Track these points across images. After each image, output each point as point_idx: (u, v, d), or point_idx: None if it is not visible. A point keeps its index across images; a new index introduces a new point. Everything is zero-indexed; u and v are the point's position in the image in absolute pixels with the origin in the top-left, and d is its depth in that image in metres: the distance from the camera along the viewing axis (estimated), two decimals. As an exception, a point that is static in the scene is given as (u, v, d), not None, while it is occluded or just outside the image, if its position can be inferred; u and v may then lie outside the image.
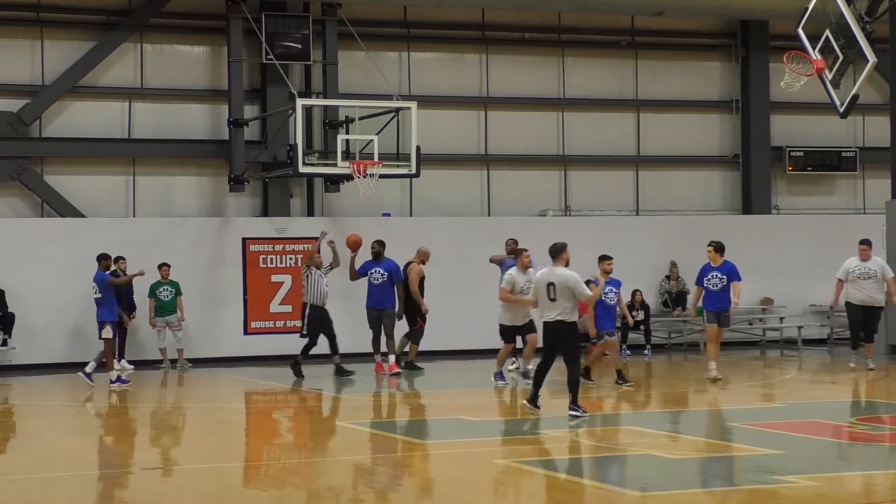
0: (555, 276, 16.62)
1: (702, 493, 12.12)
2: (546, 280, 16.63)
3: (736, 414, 17.78)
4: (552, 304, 16.55)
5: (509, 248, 22.84)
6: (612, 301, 21.76)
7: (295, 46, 27.12)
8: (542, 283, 16.70)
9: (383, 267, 23.14)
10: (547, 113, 29.83)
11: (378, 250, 23.34)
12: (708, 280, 21.16)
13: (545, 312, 16.64)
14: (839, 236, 29.69)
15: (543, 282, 16.66)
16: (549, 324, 16.64)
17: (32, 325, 25.11)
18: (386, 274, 23.08)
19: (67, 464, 14.41)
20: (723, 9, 29.54)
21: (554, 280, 16.57)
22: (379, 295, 23.16)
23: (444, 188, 28.75)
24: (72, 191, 26.71)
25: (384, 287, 23.08)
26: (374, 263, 23.25)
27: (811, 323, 29.14)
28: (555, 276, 16.61)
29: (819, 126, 30.61)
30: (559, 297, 16.51)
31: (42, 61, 26.85)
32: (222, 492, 12.74)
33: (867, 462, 13.74)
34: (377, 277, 23.12)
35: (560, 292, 16.51)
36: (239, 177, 26.77)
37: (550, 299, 16.54)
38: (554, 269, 16.71)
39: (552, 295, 16.52)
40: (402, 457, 14.75)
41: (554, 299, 16.52)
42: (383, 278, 23.07)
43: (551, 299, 16.53)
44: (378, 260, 23.26)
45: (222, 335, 26.55)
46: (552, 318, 16.57)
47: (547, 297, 16.57)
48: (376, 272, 23.14)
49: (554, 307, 16.54)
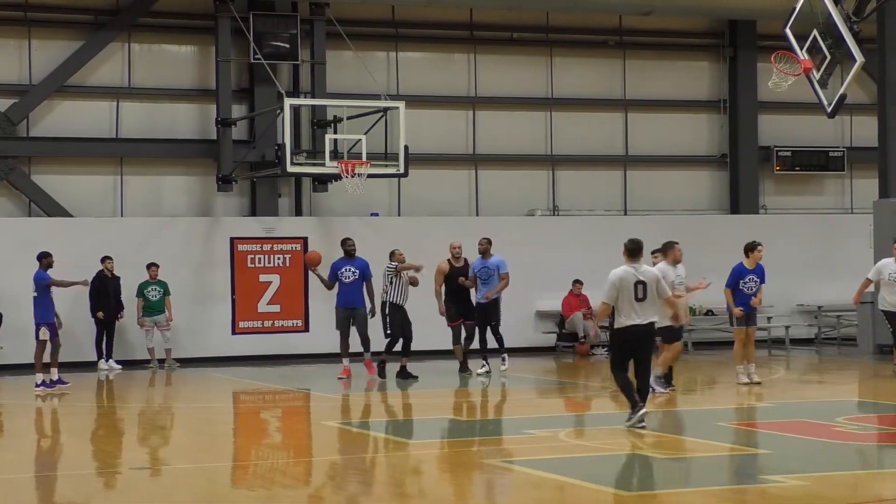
0: (642, 274, 15.49)
1: (690, 493, 12.12)
2: (633, 279, 15.42)
3: (724, 413, 17.79)
4: (640, 305, 15.38)
5: (482, 247, 22.81)
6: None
7: (283, 46, 27.11)
8: (627, 282, 15.39)
9: (355, 265, 22.49)
10: (535, 113, 29.84)
11: (351, 248, 22.63)
12: (745, 283, 20.67)
13: (631, 314, 15.33)
14: (827, 236, 29.83)
15: (629, 281, 15.39)
16: (637, 327, 15.39)
17: (20, 324, 25.04)
18: (357, 272, 22.40)
19: (56, 463, 14.38)
20: (711, 9, 29.58)
21: (643, 279, 15.45)
22: (349, 294, 22.36)
23: (433, 188, 28.76)
24: (60, 190, 26.67)
25: (355, 286, 22.37)
26: (346, 262, 22.53)
27: (799, 323, 29.17)
28: (642, 275, 15.49)
29: (807, 126, 30.64)
30: (648, 296, 15.41)
31: (30, 61, 26.81)
32: (211, 491, 12.73)
33: (855, 461, 13.76)
34: (348, 276, 22.34)
35: (650, 292, 15.41)
36: (227, 176, 26.75)
37: (638, 299, 15.39)
38: (639, 266, 15.54)
39: (640, 295, 15.38)
40: (390, 456, 14.74)
41: (642, 299, 15.39)
42: (354, 276, 22.35)
43: (639, 299, 15.39)
44: (350, 258, 22.57)
45: (210, 335, 26.53)
46: (643, 321, 15.40)
47: (634, 297, 15.38)
48: (347, 270, 22.38)
49: (643, 308, 15.40)
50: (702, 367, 24.60)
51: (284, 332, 26.70)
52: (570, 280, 27.51)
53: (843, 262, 28.93)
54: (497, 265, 22.70)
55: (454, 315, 22.80)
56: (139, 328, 25.63)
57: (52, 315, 21.87)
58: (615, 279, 15.45)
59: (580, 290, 27.45)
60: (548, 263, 27.65)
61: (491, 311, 22.76)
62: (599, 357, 26.78)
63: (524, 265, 26.24)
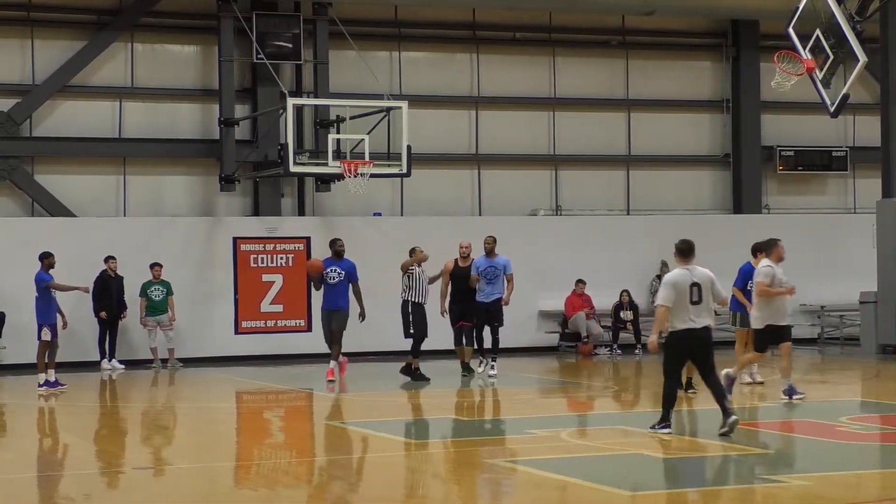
0: (697, 276, 14.87)
1: (693, 493, 12.11)
2: (688, 281, 14.79)
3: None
4: (696, 309, 14.78)
5: (488, 246, 22.50)
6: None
7: (286, 46, 27.12)
8: (682, 284, 14.77)
9: (342, 266, 21.85)
10: (538, 112, 29.84)
11: (340, 248, 22.06)
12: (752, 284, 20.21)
13: (686, 319, 14.72)
14: (830, 236, 29.81)
15: (685, 283, 14.78)
16: (693, 332, 14.79)
17: (22, 324, 25.04)
18: (343, 273, 21.84)
19: (58, 463, 14.39)
20: (713, 8, 29.58)
21: (698, 280, 14.84)
22: (334, 295, 21.79)
23: (435, 188, 28.76)
24: (62, 190, 26.68)
25: (340, 287, 21.81)
26: (333, 262, 21.95)
27: (802, 322, 29.13)
28: (697, 277, 14.87)
29: (809, 125, 30.64)
30: (704, 299, 14.82)
31: (32, 61, 26.82)
32: (213, 491, 12.72)
33: (858, 461, 13.75)
34: (333, 277, 21.76)
35: (705, 294, 14.83)
36: (230, 176, 26.76)
37: (693, 302, 14.76)
38: (694, 268, 14.95)
39: (695, 298, 14.76)
40: (392, 456, 14.73)
41: (697, 302, 14.78)
42: (340, 277, 21.72)
43: (694, 302, 14.77)
44: (338, 259, 21.99)
45: (213, 335, 26.54)
46: (698, 325, 14.79)
47: (689, 300, 14.76)
48: (333, 271, 21.80)
49: (699, 311, 14.79)
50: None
51: (287, 332, 26.70)
52: (573, 280, 27.51)
53: (845, 262, 28.95)
54: (504, 265, 22.37)
55: (458, 316, 22.49)
56: (142, 328, 25.64)
57: (53, 316, 21.82)
58: (669, 281, 14.87)
59: (583, 290, 27.44)
60: (550, 263, 27.64)
61: (496, 313, 22.40)
62: (602, 357, 26.80)
63: (527, 265, 26.24)
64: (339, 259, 21.98)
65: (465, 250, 22.54)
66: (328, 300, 21.91)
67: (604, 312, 27.67)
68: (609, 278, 27.80)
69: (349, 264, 21.97)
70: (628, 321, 27.36)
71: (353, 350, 25.58)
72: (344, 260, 22.00)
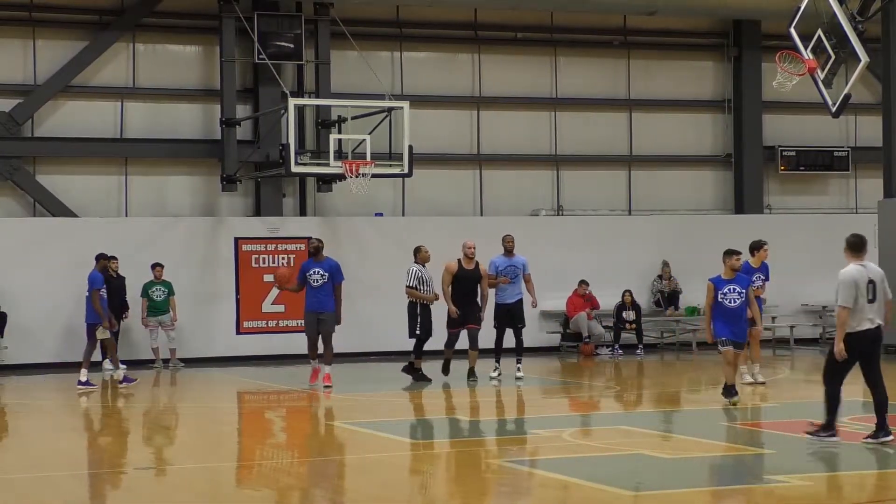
0: (871, 272, 14.30)
1: (695, 493, 12.11)
2: (865, 278, 14.21)
3: (728, 413, 17.77)
4: (871, 307, 14.17)
5: (509, 244, 22.17)
6: (732, 303, 18.27)
7: (287, 46, 27.12)
8: (862, 282, 14.19)
9: (323, 267, 20.94)
10: (539, 112, 29.84)
11: (315, 246, 21.20)
12: (751, 282, 19.74)
13: (863, 319, 14.12)
14: (831, 236, 29.64)
15: (862, 281, 14.18)
16: (870, 332, 14.17)
17: (25, 324, 25.08)
18: (326, 275, 20.86)
19: (60, 463, 14.39)
20: (715, 8, 29.57)
21: (873, 278, 14.24)
22: (318, 297, 20.91)
23: (437, 188, 28.76)
24: (64, 190, 26.69)
25: (324, 289, 21.01)
26: (314, 263, 21.09)
27: (803, 322, 29.18)
28: (872, 274, 14.29)
29: (811, 126, 30.64)
30: (878, 297, 14.21)
31: (34, 61, 26.83)
32: (215, 491, 12.73)
33: (860, 462, 13.74)
34: (316, 279, 20.88)
35: (879, 292, 14.24)
36: (231, 176, 26.77)
37: (869, 301, 14.13)
38: (867, 264, 14.40)
39: (871, 296, 14.15)
40: (394, 456, 14.74)
41: (872, 300, 14.16)
42: (323, 279, 20.85)
43: (870, 301, 14.14)
44: (318, 260, 21.13)
45: (215, 335, 26.55)
46: (873, 325, 14.17)
47: (866, 298, 14.14)
48: (315, 273, 20.92)
49: (874, 310, 14.18)
50: (705, 367, 24.58)
51: (289, 332, 26.65)
52: (575, 280, 27.50)
53: (847, 263, 28.86)
54: (523, 264, 22.01)
55: (457, 320, 21.50)
56: (144, 328, 25.64)
57: (106, 313, 21.77)
58: (850, 279, 14.14)
59: (585, 290, 27.44)
60: (552, 263, 27.60)
61: (518, 313, 21.93)
62: (604, 357, 26.81)
63: (529, 265, 26.17)
64: (320, 259, 21.13)
65: (470, 251, 21.62)
66: (313, 302, 21.04)
67: (606, 312, 27.65)
68: (610, 278, 27.80)
69: (332, 264, 21.09)
70: (630, 322, 27.36)
71: (353, 350, 25.69)
72: (326, 259, 21.13)
